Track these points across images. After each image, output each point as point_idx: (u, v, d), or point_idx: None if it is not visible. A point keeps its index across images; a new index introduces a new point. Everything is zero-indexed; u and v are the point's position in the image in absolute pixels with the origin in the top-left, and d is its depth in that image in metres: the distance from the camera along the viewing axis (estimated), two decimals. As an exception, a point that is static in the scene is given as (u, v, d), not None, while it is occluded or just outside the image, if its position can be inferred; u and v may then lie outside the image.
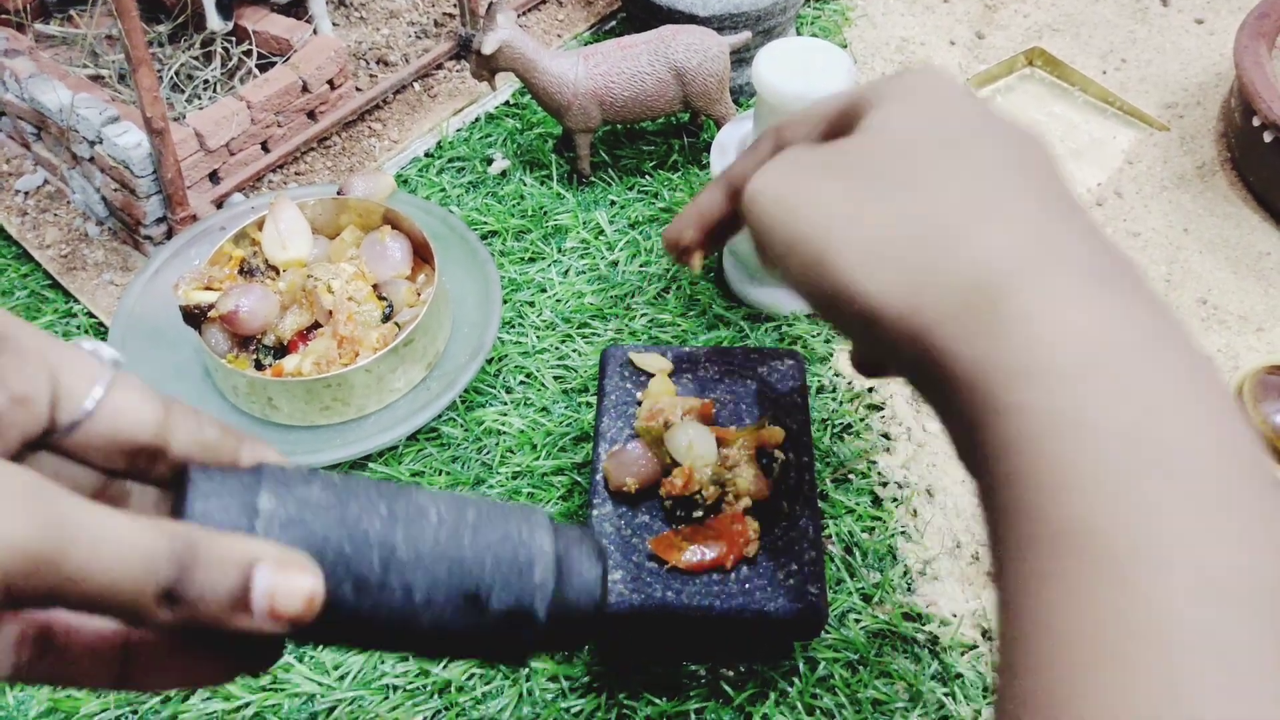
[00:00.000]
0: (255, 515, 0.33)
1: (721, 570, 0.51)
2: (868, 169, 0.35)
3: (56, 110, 0.76)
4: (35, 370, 0.33)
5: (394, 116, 0.89)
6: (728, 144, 0.72)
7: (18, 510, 0.29)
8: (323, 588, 0.33)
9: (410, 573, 0.34)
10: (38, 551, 0.29)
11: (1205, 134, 0.88)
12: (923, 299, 0.31)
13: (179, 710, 0.56)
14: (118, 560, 0.30)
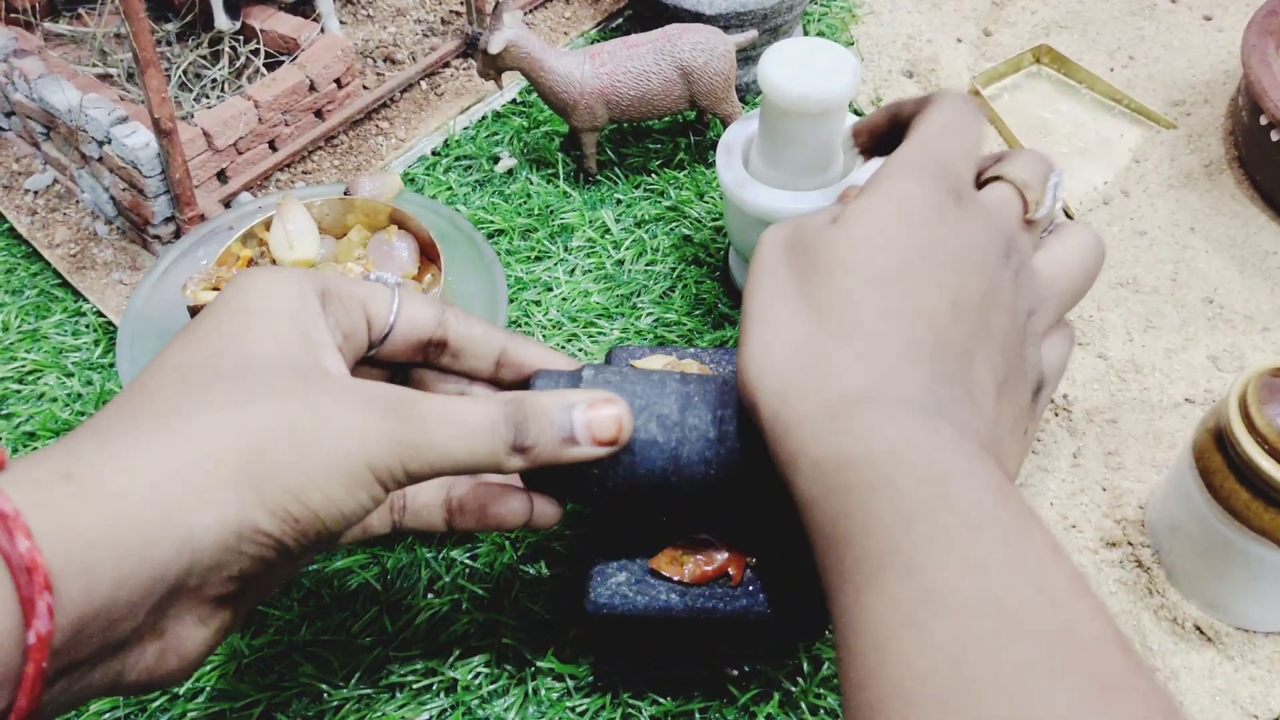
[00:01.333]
0: (579, 382, 0.48)
1: (726, 578, 0.51)
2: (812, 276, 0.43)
3: (65, 110, 0.77)
4: (354, 308, 0.45)
5: (401, 115, 0.89)
6: (734, 143, 0.72)
7: (394, 417, 0.40)
8: (629, 414, 0.45)
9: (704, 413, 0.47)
10: (411, 441, 0.40)
11: (1213, 132, 0.88)
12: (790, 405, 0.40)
13: (187, 709, 0.56)
14: (469, 436, 0.42)
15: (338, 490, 0.38)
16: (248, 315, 0.41)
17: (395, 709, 0.56)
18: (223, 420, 0.37)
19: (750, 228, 0.71)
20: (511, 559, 0.61)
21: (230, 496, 0.36)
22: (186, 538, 0.35)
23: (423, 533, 0.48)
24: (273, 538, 0.37)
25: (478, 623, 0.59)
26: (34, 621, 0.31)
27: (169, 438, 0.36)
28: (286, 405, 0.38)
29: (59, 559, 0.32)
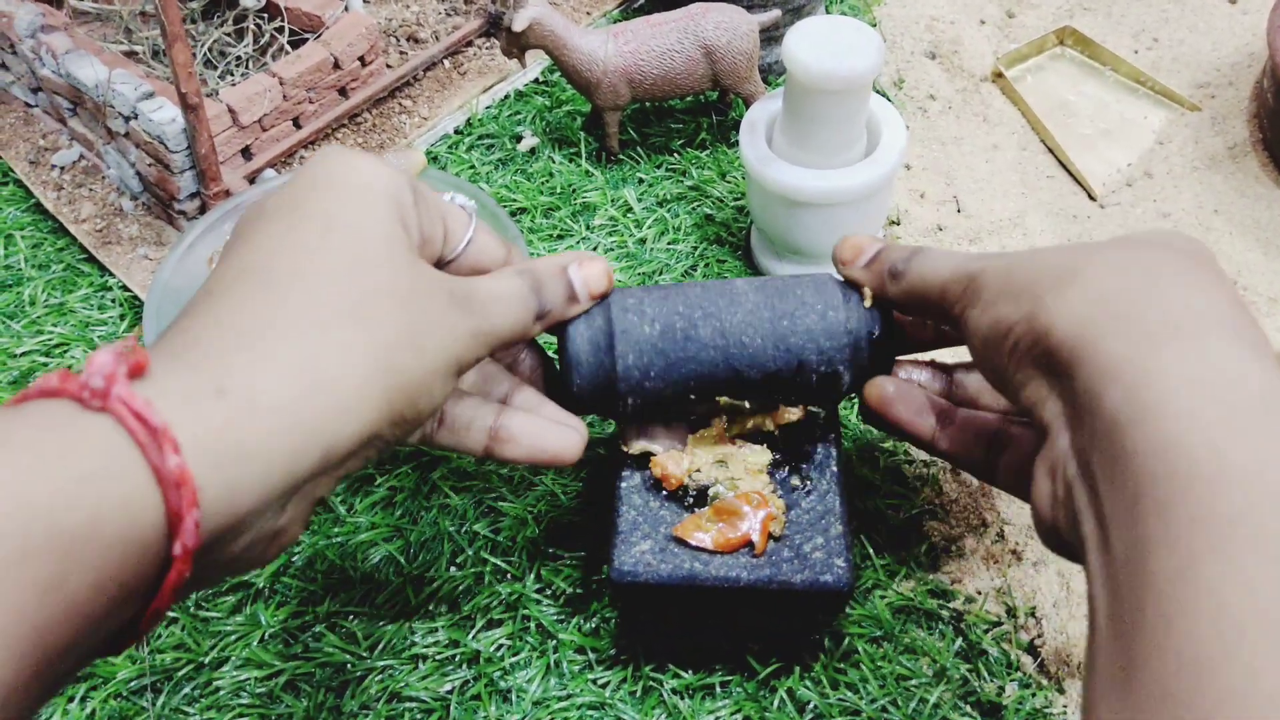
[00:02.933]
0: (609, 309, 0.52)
1: (750, 548, 0.51)
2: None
3: (92, 86, 0.77)
4: (436, 217, 0.46)
5: (424, 94, 0.89)
6: (757, 121, 0.73)
7: (468, 311, 0.43)
8: (609, 266, 0.51)
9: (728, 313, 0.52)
10: (484, 330, 0.44)
11: (1237, 114, 0.87)
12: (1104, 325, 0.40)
13: (213, 677, 0.57)
14: (514, 312, 0.46)
15: (438, 387, 0.42)
16: (351, 192, 0.42)
17: (418, 680, 0.56)
18: (359, 331, 0.39)
19: (773, 206, 0.71)
20: (534, 533, 0.62)
21: (369, 407, 0.38)
22: (328, 450, 0.37)
23: (457, 450, 0.50)
24: (386, 440, 0.40)
25: (500, 595, 0.59)
26: (181, 535, 0.32)
27: (312, 349, 0.37)
28: (406, 311, 0.40)
29: (208, 473, 0.33)
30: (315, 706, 0.56)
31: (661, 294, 0.53)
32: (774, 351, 0.52)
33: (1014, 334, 0.43)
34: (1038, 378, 0.42)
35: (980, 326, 0.45)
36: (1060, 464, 0.41)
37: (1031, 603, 0.59)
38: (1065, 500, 0.40)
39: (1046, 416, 0.42)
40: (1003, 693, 0.55)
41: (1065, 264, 0.43)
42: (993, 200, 0.82)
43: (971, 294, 0.46)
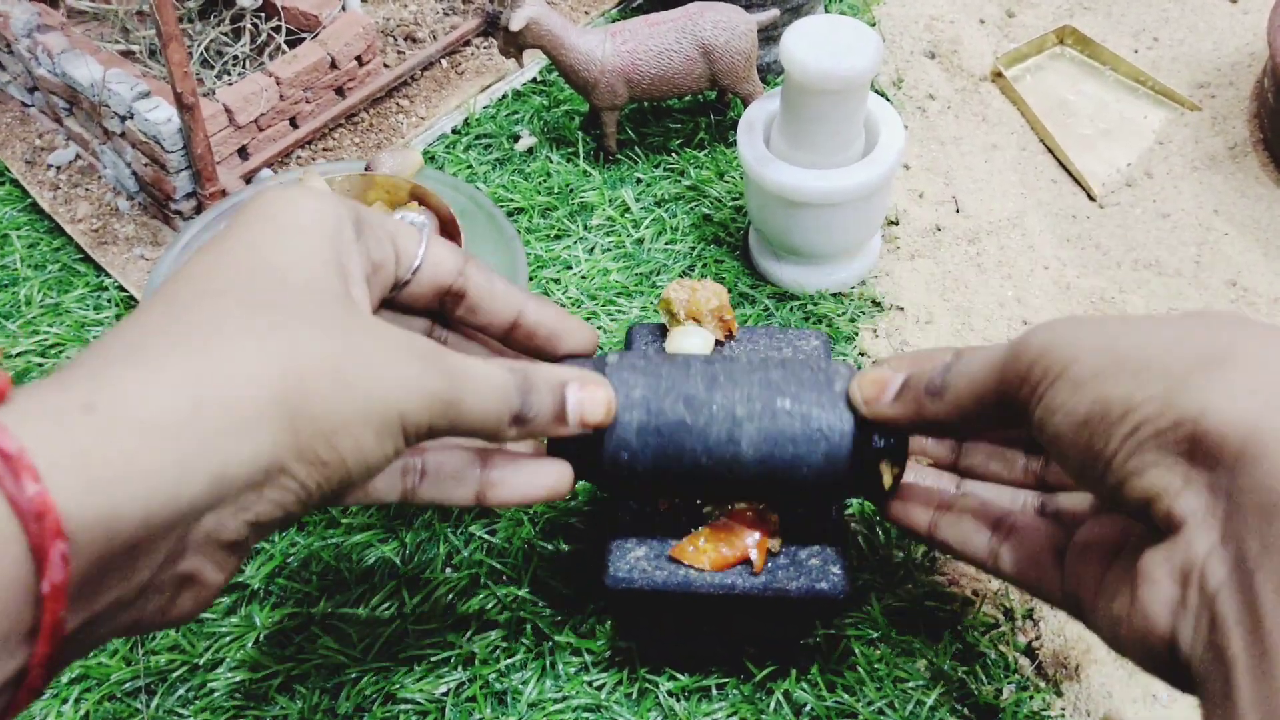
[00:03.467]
0: (604, 365, 0.48)
1: (748, 565, 0.51)
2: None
3: (88, 85, 0.77)
4: (385, 241, 0.43)
5: (421, 93, 0.89)
6: (755, 121, 0.72)
7: (430, 370, 0.39)
8: (614, 398, 0.47)
9: (730, 390, 0.48)
10: (445, 398, 0.39)
11: (1237, 114, 0.87)
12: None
13: (207, 678, 0.57)
14: (489, 398, 0.41)
15: (369, 437, 0.37)
16: (282, 231, 0.39)
17: (413, 682, 0.56)
18: (265, 348, 0.35)
19: (771, 206, 0.71)
20: (530, 534, 0.61)
21: (265, 433, 0.34)
22: (220, 474, 0.33)
23: (445, 504, 0.47)
24: (298, 481, 0.36)
25: (496, 597, 0.59)
26: (48, 571, 0.29)
27: (206, 362, 0.34)
28: (329, 340, 0.36)
29: (76, 500, 0.30)
30: (310, 708, 0.56)
31: (658, 421, 0.48)
32: (769, 495, 0.50)
33: (1135, 415, 0.37)
34: (1167, 466, 0.37)
35: (1075, 406, 0.39)
36: (1200, 567, 0.36)
37: (1029, 605, 0.59)
38: (1199, 609, 0.36)
39: (1179, 509, 0.37)
40: (1000, 695, 0.55)
41: (1203, 340, 0.38)
42: (992, 200, 0.81)
43: (1046, 370, 0.41)
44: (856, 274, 0.75)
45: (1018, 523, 0.48)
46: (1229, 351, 0.37)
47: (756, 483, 0.49)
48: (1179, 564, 0.36)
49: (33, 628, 0.30)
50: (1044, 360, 0.41)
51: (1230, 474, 0.35)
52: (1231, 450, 0.35)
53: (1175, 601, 0.36)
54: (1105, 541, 0.43)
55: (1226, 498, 0.35)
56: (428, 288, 0.46)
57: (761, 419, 0.48)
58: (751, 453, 0.48)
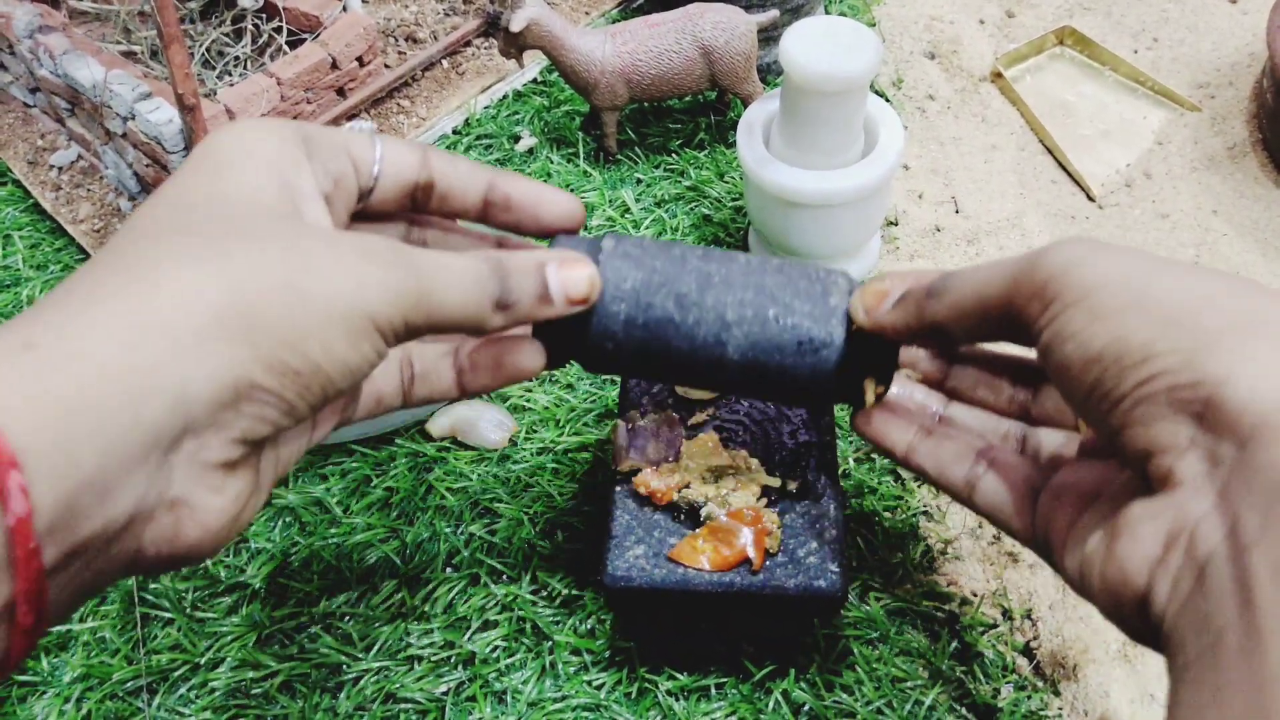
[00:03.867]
0: (599, 250, 0.47)
1: (748, 565, 0.51)
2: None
3: (90, 86, 0.77)
4: (340, 155, 0.42)
5: (422, 94, 0.89)
6: (755, 122, 0.72)
7: (393, 267, 0.38)
8: (597, 274, 0.45)
9: (723, 293, 0.47)
10: (415, 293, 0.38)
11: (1237, 115, 0.87)
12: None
13: (209, 677, 0.57)
14: (463, 288, 0.40)
15: (338, 341, 0.37)
16: (220, 164, 0.39)
17: (414, 680, 0.56)
18: (206, 270, 0.34)
19: (770, 207, 0.71)
20: (530, 534, 0.62)
21: (222, 349, 0.34)
22: (179, 395, 0.33)
23: (435, 399, 0.47)
24: (273, 393, 0.36)
25: (496, 597, 0.59)
26: (9, 503, 0.29)
27: (145, 290, 0.34)
28: (274, 253, 0.36)
29: (28, 433, 0.30)
30: (311, 707, 0.56)
31: (645, 316, 0.47)
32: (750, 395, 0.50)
33: (1154, 364, 0.37)
34: (1174, 422, 0.36)
35: (1090, 337, 0.38)
36: (1190, 530, 0.35)
37: (1027, 605, 0.59)
38: (1183, 572, 0.36)
39: (1181, 470, 0.36)
40: (998, 695, 0.55)
41: (1240, 303, 0.37)
42: (991, 201, 0.82)
43: (1062, 291, 0.39)
44: (856, 274, 0.75)
45: (997, 458, 0.47)
46: (1264, 320, 0.36)
47: (738, 384, 0.48)
48: (1168, 523, 0.36)
49: (6, 563, 0.30)
50: (1063, 279, 0.39)
51: (1240, 447, 0.34)
52: (1247, 424, 0.34)
53: (1156, 559, 0.36)
54: (1083, 486, 0.42)
55: (1230, 469, 0.35)
56: (394, 189, 0.45)
57: (751, 325, 0.47)
58: (737, 357, 0.47)
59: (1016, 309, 0.41)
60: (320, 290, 0.36)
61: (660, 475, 0.54)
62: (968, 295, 0.43)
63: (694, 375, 0.48)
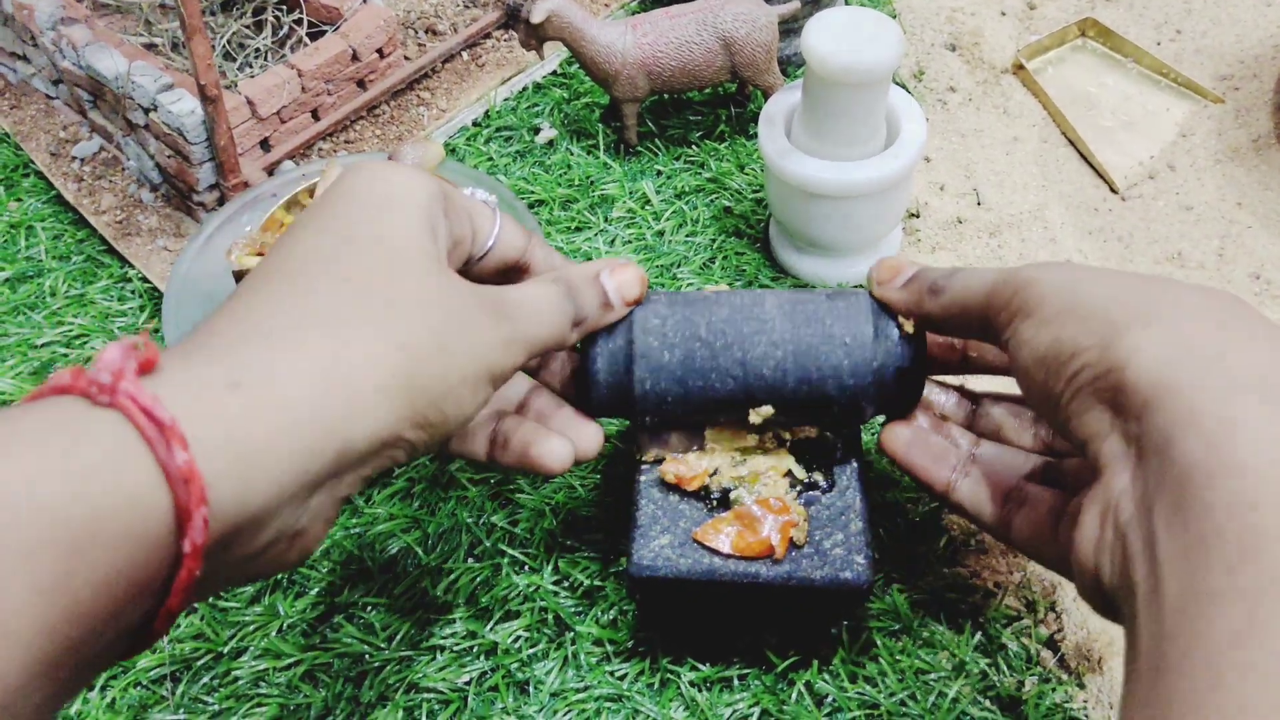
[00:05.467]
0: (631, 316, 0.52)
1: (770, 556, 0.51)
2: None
3: (112, 78, 0.77)
4: (464, 219, 0.46)
5: (442, 85, 0.89)
6: (776, 113, 0.72)
7: (500, 318, 0.43)
8: (644, 273, 0.51)
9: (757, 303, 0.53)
10: (517, 338, 0.44)
11: (1261, 107, 0.87)
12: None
13: (232, 666, 0.57)
14: (551, 318, 0.46)
15: (466, 396, 0.41)
16: (380, 204, 0.42)
17: (436, 670, 0.57)
18: (383, 330, 0.38)
19: (792, 199, 0.71)
20: (552, 524, 0.62)
21: (387, 407, 0.38)
22: (344, 448, 0.37)
23: (466, 457, 0.50)
24: (409, 443, 0.39)
25: (518, 587, 0.59)
26: (190, 532, 0.32)
27: (335, 346, 0.37)
28: (433, 314, 0.40)
29: (220, 468, 0.33)
30: (334, 697, 0.56)
31: (685, 314, 0.52)
32: (794, 386, 0.52)
33: (1079, 359, 0.41)
34: (1099, 410, 0.41)
35: (1037, 342, 0.44)
36: (1114, 505, 0.40)
37: (1051, 597, 0.59)
38: (1115, 545, 0.39)
39: (1104, 453, 0.41)
40: (1022, 687, 0.55)
41: (1143, 298, 0.42)
42: (1013, 193, 0.81)
43: (1023, 304, 0.45)
44: (877, 266, 0.75)
45: (1029, 493, 0.50)
46: (1160, 308, 0.41)
47: (784, 393, 0.52)
48: (1100, 504, 0.41)
49: (168, 580, 0.33)
50: (1024, 293, 0.45)
51: (1138, 421, 0.39)
52: (1140, 399, 0.39)
53: (1097, 539, 0.40)
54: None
55: (1136, 442, 0.39)
56: (499, 263, 0.49)
57: (790, 319, 0.52)
58: (782, 360, 0.51)
59: (991, 318, 0.47)
60: (462, 352, 0.41)
61: (686, 462, 0.54)
62: (956, 301, 0.49)
63: (739, 390, 0.52)
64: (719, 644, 0.57)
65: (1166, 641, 0.34)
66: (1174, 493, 0.36)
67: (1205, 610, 0.33)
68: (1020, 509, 0.50)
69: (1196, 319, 0.40)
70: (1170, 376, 0.38)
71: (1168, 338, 0.40)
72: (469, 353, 0.41)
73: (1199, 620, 0.33)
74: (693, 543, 0.51)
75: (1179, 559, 0.35)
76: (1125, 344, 0.40)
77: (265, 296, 0.39)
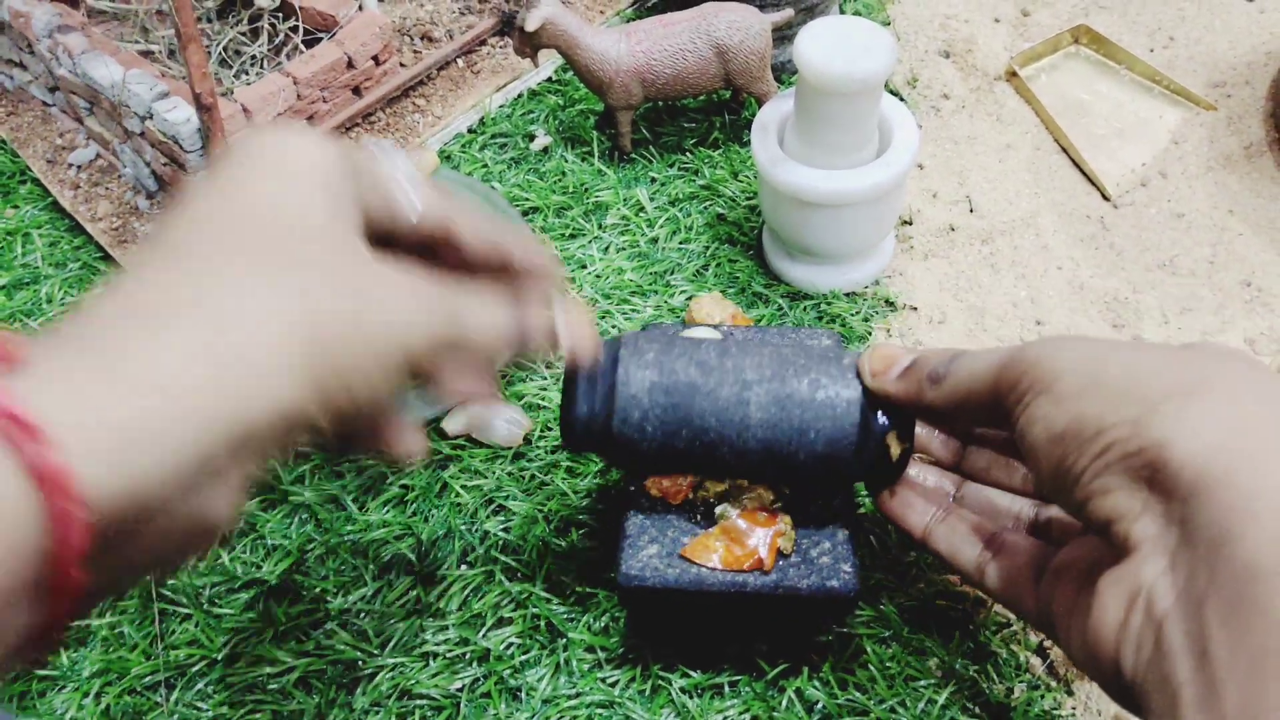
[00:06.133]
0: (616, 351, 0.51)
1: (759, 569, 0.51)
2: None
3: (108, 85, 0.78)
4: (376, 188, 0.41)
5: (437, 93, 0.90)
6: (769, 121, 0.73)
7: (436, 313, 0.39)
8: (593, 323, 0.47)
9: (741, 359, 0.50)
10: (450, 338, 0.40)
11: (1253, 114, 0.87)
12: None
13: (226, 673, 0.57)
14: (492, 340, 0.42)
15: (376, 375, 0.37)
16: (283, 175, 0.38)
17: (429, 677, 0.57)
18: (278, 300, 0.35)
19: (785, 206, 0.71)
20: (544, 532, 0.62)
21: (286, 381, 0.34)
22: (244, 428, 0.33)
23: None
24: (314, 424, 0.36)
25: (510, 594, 0.60)
26: (69, 534, 0.29)
27: (219, 316, 0.34)
28: (341, 287, 0.37)
29: (98, 463, 0.30)
30: (327, 703, 0.56)
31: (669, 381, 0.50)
32: (775, 469, 0.51)
33: (1108, 436, 0.39)
34: (1129, 490, 0.38)
35: (1054, 419, 0.41)
36: (1147, 592, 0.37)
37: (1041, 604, 0.59)
38: (1144, 633, 0.37)
39: (1135, 534, 0.38)
40: (1011, 694, 0.56)
41: (1177, 372, 0.39)
42: (1005, 200, 0.82)
43: (1035, 382, 0.42)
44: (870, 274, 0.75)
45: (1006, 541, 0.49)
46: (1202, 384, 0.38)
47: (764, 449, 0.50)
48: (1128, 587, 0.38)
49: (50, 587, 0.30)
50: (1035, 371, 0.42)
51: (1184, 505, 0.36)
52: (1187, 482, 0.36)
53: (1120, 623, 0.38)
54: (1082, 562, 0.44)
55: (1180, 526, 0.36)
56: (415, 239, 0.44)
57: (771, 383, 0.50)
58: (759, 415, 0.49)
59: (999, 401, 0.44)
60: (377, 329, 0.37)
61: (672, 475, 0.54)
62: (960, 388, 0.46)
63: (718, 443, 0.50)
64: (709, 651, 0.57)
65: None
66: (1232, 591, 0.34)
67: None
68: (997, 557, 0.49)
69: (1238, 395, 0.38)
70: (1223, 462, 0.36)
71: (1214, 418, 0.37)
72: (385, 327, 0.37)
73: None
74: (680, 554, 0.52)
75: (1240, 670, 0.33)
76: (1163, 421, 0.38)
77: (150, 274, 0.35)
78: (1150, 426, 0.38)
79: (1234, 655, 0.33)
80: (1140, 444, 0.38)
